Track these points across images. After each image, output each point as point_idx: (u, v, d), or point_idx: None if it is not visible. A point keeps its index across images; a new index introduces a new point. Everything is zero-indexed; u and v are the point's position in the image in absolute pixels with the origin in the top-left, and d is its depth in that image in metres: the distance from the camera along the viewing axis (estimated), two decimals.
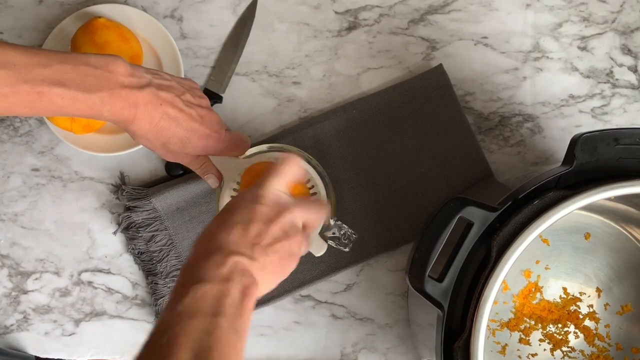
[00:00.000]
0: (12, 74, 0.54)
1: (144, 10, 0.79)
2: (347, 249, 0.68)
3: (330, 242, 0.67)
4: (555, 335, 0.72)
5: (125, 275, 0.78)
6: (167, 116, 0.61)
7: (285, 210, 0.55)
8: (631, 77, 0.81)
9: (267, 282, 0.53)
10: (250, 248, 0.51)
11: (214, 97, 0.78)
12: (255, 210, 0.53)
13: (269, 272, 0.52)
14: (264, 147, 0.71)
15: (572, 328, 0.72)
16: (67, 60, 0.56)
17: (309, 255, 0.68)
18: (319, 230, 0.66)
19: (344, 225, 0.67)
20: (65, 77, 0.56)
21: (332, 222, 0.67)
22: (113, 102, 0.58)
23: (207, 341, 0.45)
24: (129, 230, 0.77)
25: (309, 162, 0.69)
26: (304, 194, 0.63)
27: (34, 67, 0.54)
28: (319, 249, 0.66)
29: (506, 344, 0.72)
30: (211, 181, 0.69)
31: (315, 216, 0.59)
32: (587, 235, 0.72)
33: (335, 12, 0.80)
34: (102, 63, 0.57)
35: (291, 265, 0.56)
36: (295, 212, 0.56)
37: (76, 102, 0.56)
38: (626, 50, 0.81)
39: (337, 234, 0.67)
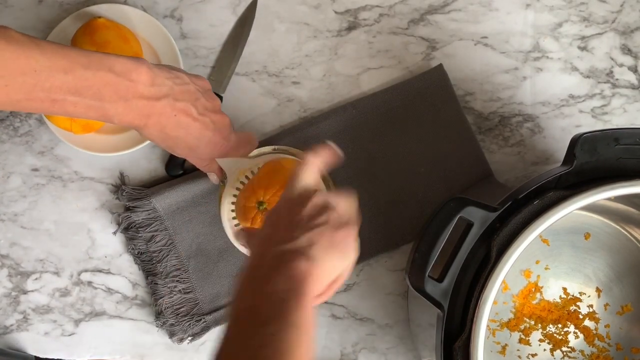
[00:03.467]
0: (31, 82, 0.52)
1: (144, 10, 0.79)
2: None
3: None
4: (555, 335, 0.72)
5: (125, 275, 0.78)
6: (178, 126, 0.60)
7: (311, 194, 0.53)
8: (631, 77, 0.81)
9: (324, 259, 0.49)
10: (289, 231, 0.50)
11: None
12: (293, 211, 0.52)
13: (324, 244, 0.50)
14: (268, 148, 0.71)
15: (572, 328, 0.72)
16: (91, 64, 0.54)
17: None
18: None
19: None
20: (83, 85, 0.54)
21: None
22: (126, 112, 0.57)
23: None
24: (128, 230, 0.77)
25: None
26: None
27: (56, 72, 0.53)
28: None
29: (506, 344, 0.72)
30: (213, 178, 0.69)
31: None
32: (587, 235, 0.72)
33: (335, 12, 0.80)
34: (125, 70, 0.56)
35: (347, 238, 0.52)
36: (323, 195, 0.53)
37: (89, 110, 0.55)
38: (626, 50, 0.81)
39: None
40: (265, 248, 0.50)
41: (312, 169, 0.56)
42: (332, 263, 0.51)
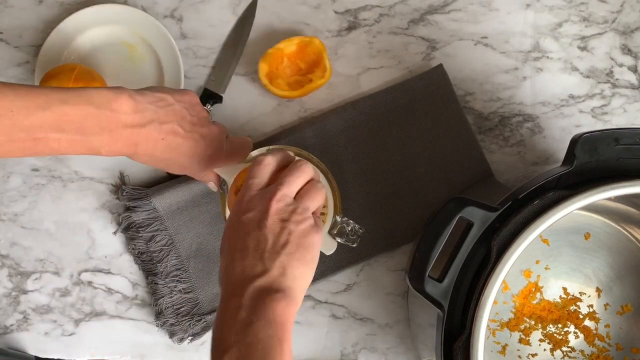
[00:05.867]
0: (9, 123, 0.51)
1: (144, 10, 0.79)
2: (355, 245, 0.67)
3: (338, 239, 0.67)
4: (555, 335, 0.72)
5: (125, 275, 0.78)
6: (168, 148, 0.59)
7: (272, 198, 0.55)
8: (631, 77, 0.81)
9: (298, 277, 0.53)
10: (261, 261, 0.52)
11: (214, 97, 0.78)
12: (242, 223, 0.54)
13: (294, 265, 0.53)
14: (264, 149, 0.71)
15: (572, 328, 0.72)
16: (68, 99, 0.53)
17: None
18: (327, 229, 0.66)
19: (350, 220, 0.66)
20: (64, 120, 0.53)
21: (338, 219, 0.66)
22: (113, 143, 0.56)
23: None
24: (129, 230, 0.77)
25: (310, 161, 0.69)
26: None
27: (33, 110, 0.52)
28: (330, 248, 0.66)
29: (506, 344, 0.72)
30: (212, 186, 0.69)
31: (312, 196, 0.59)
32: (587, 235, 0.72)
33: (335, 12, 0.80)
34: (105, 101, 0.55)
35: (313, 244, 0.55)
36: (283, 190, 0.56)
37: (73, 145, 0.54)
38: (626, 50, 0.81)
39: (345, 230, 0.66)
40: (239, 287, 0.52)
41: (268, 169, 0.58)
42: (307, 278, 0.55)
